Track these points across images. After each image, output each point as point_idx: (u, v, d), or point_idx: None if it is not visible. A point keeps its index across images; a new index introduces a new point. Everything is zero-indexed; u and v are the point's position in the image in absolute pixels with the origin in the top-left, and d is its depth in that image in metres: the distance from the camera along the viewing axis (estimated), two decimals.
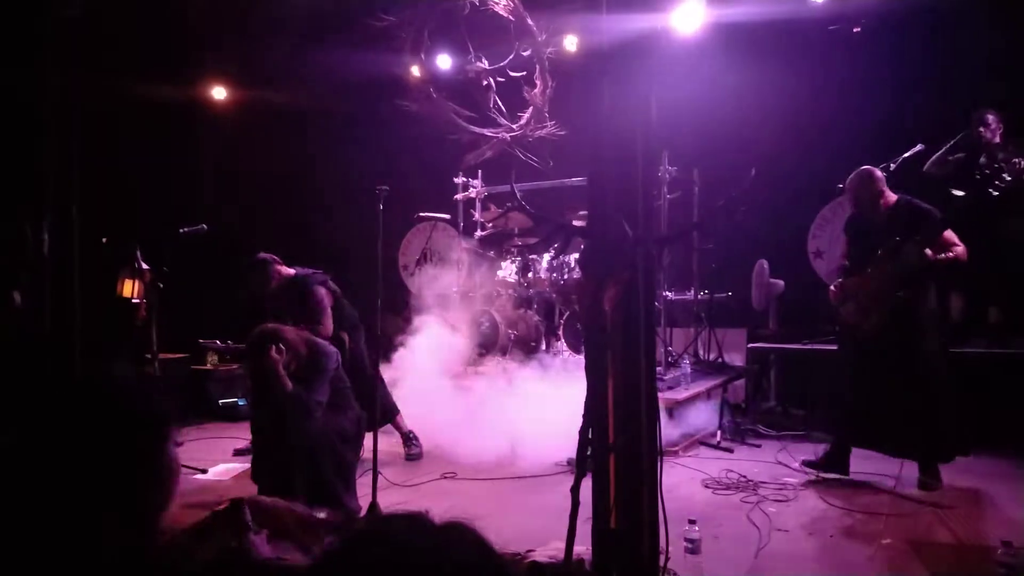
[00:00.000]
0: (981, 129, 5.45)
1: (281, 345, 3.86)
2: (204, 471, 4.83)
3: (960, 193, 5.23)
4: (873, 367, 4.33)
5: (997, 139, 5.47)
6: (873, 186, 4.37)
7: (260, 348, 3.86)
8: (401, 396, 5.30)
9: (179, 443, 1.28)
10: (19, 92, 6.75)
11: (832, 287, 4.57)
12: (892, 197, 4.39)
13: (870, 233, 4.40)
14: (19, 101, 6.79)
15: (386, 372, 5.25)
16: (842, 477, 4.43)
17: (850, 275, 4.49)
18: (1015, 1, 5.79)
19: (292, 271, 4.93)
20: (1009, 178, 5.21)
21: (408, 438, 5.19)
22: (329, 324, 4.71)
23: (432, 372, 5.73)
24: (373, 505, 3.79)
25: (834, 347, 4.94)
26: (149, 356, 5.24)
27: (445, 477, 4.71)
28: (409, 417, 5.25)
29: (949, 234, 4.21)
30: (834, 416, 4.69)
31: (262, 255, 4.85)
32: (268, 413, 3.92)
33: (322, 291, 4.82)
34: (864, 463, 4.49)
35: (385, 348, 5.52)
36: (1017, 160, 5.26)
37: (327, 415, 3.92)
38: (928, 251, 4.11)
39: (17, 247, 5.29)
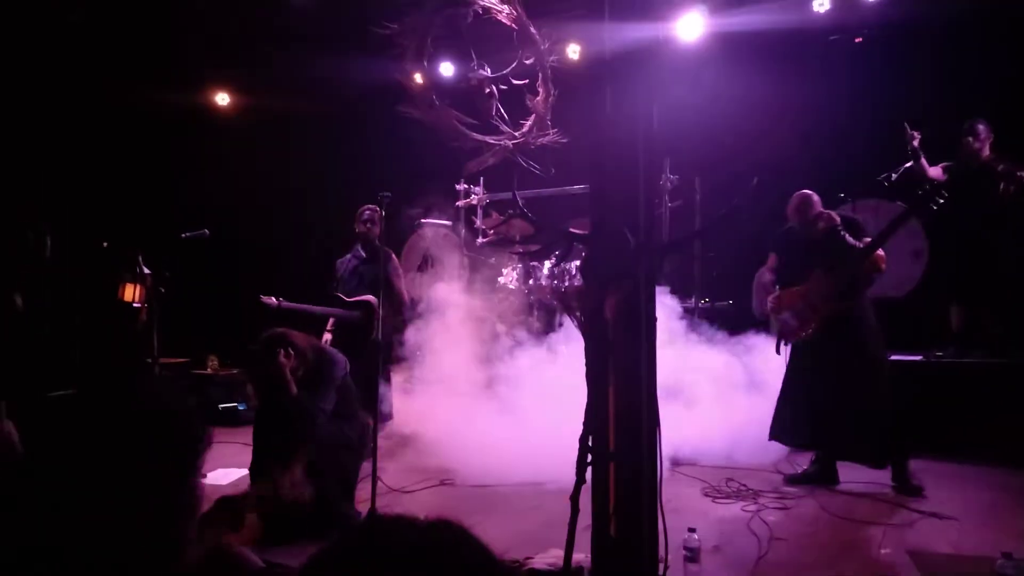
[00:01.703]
0: (970, 139, 5.46)
1: (290, 350, 3.85)
2: (203, 476, 4.82)
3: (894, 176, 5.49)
4: (813, 375, 4.56)
5: (987, 150, 5.47)
6: (811, 209, 4.58)
7: (268, 351, 3.84)
8: (402, 401, 5.32)
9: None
10: (23, 97, 6.78)
11: (770, 299, 4.73)
12: (829, 216, 4.55)
13: (807, 246, 4.58)
14: (23, 106, 6.83)
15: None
16: (839, 487, 4.46)
17: (785, 287, 4.68)
18: (1017, 10, 5.81)
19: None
20: (1001, 188, 5.25)
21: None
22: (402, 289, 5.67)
23: (432, 378, 5.74)
24: (372, 511, 3.79)
25: None
26: (150, 360, 5.24)
27: (444, 483, 4.70)
28: (409, 424, 5.27)
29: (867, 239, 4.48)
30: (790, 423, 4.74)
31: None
32: (271, 418, 3.90)
33: (396, 259, 5.67)
34: (861, 473, 4.50)
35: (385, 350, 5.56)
36: (1010, 170, 5.28)
37: (332, 423, 3.90)
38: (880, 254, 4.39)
39: (19, 250, 5.30)
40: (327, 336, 5.78)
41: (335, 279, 5.97)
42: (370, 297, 5.63)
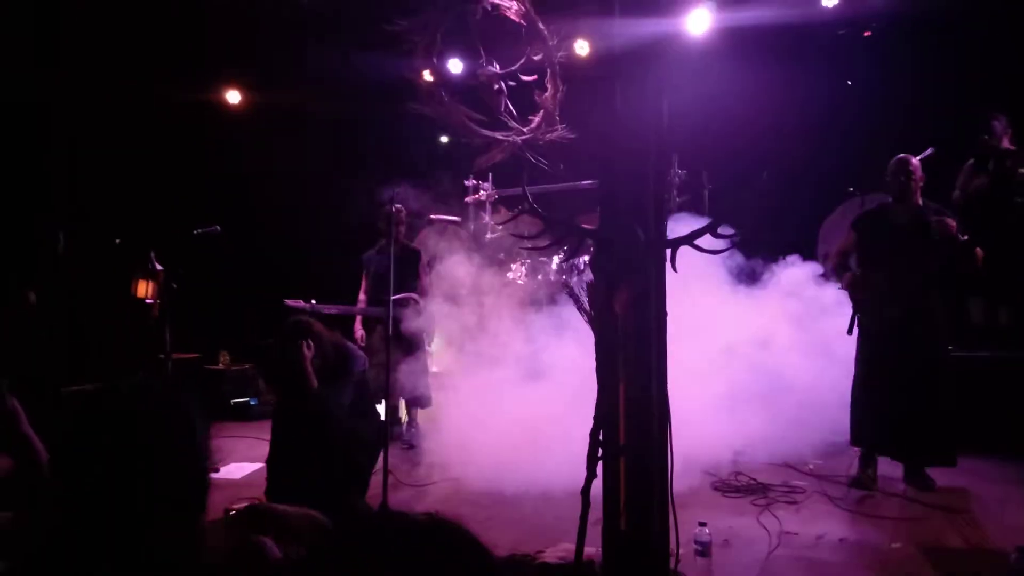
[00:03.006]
0: (986, 137, 5.45)
1: (311, 341, 3.84)
2: (215, 470, 4.87)
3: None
4: (882, 362, 4.36)
5: (1005, 143, 5.45)
6: (914, 178, 4.41)
7: (292, 339, 3.82)
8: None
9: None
10: (36, 94, 6.83)
11: (847, 275, 4.56)
12: (919, 198, 4.44)
13: (892, 230, 4.43)
14: (36, 103, 6.87)
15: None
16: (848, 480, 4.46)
17: (866, 268, 4.52)
18: None
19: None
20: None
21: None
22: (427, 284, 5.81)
23: (442, 374, 5.76)
24: (383, 506, 3.81)
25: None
26: (162, 356, 5.29)
27: (457, 477, 4.72)
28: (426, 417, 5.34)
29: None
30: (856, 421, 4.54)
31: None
32: (289, 413, 3.91)
33: (424, 262, 5.86)
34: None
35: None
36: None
37: (347, 419, 3.92)
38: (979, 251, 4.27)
39: (32, 248, 5.35)
40: (359, 331, 5.81)
41: (367, 275, 5.97)
42: (412, 295, 5.65)
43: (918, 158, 5.24)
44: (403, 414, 5.76)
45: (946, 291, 4.49)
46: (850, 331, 4.50)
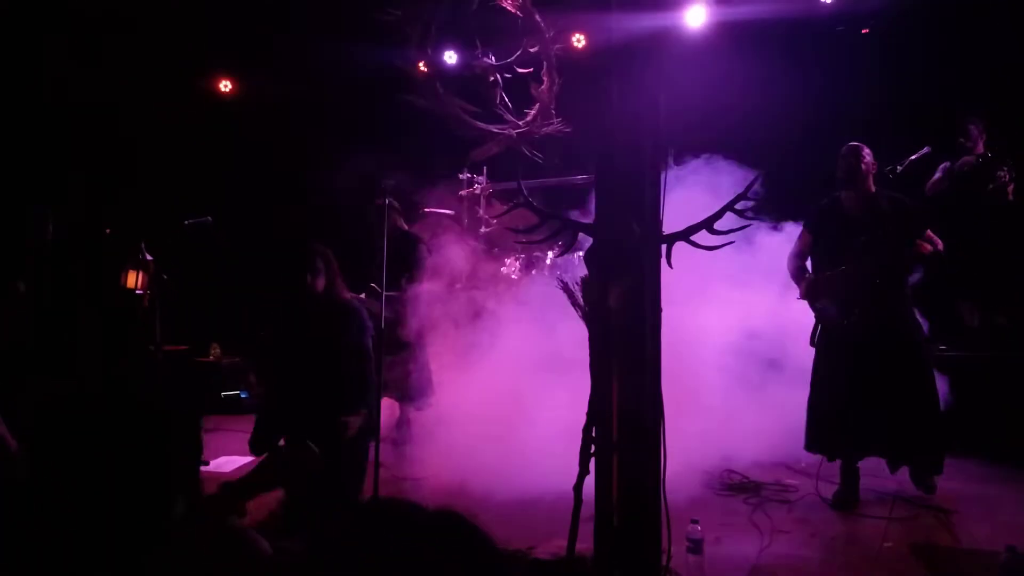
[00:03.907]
0: (961, 140, 5.50)
1: (323, 263, 3.77)
2: (205, 463, 4.83)
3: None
4: (859, 365, 4.06)
5: (979, 148, 5.50)
6: (865, 162, 4.14)
7: (307, 256, 3.76)
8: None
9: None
10: (25, 84, 6.76)
11: (802, 283, 4.31)
12: (872, 187, 4.21)
13: (846, 226, 4.17)
14: (26, 92, 6.81)
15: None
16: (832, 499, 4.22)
17: (821, 270, 4.27)
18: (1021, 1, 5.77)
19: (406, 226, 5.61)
20: (992, 186, 5.24)
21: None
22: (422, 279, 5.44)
23: (437, 367, 5.72)
24: (375, 498, 3.78)
25: None
26: (152, 347, 5.24)
27: (447, 475, 4.69)
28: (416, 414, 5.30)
29: (929, 232, 4.20)
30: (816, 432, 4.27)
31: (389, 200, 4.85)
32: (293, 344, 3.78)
33: (424, 249, 5.50)
34: (863, 465, 4.48)
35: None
36: (1002, 171, 5.30)
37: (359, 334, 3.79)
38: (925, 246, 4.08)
39: (21, 236, 5.29)
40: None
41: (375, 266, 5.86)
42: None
43: (914, 157, 5.25)
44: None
45: (934, 291, 4.38)
46: (812, 342, 4.26)
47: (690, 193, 4.82)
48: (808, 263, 4.41)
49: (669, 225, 2.52)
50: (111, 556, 1.11)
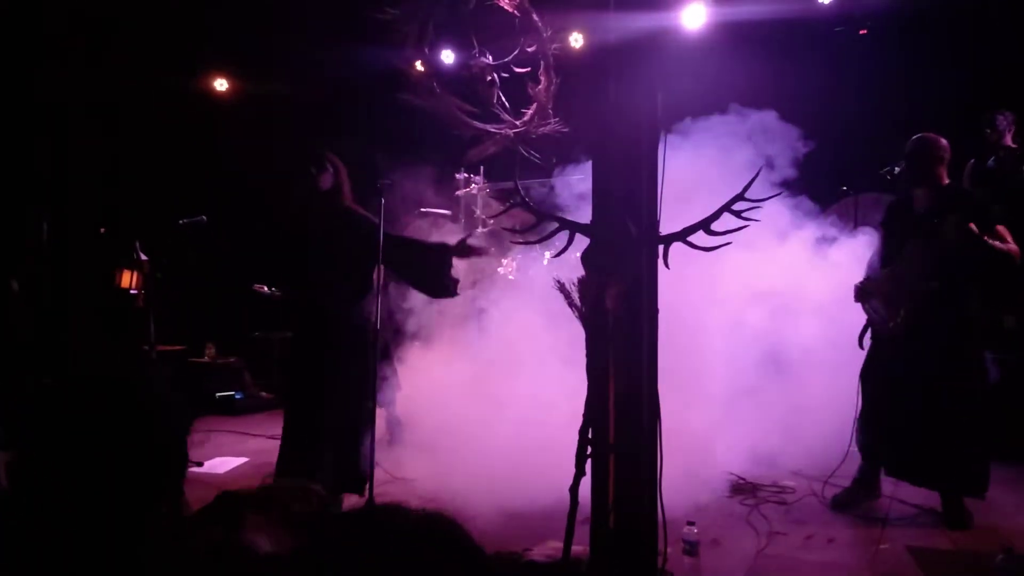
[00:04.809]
0: (988, 131, 5.42)
1: (331, 166, 3.77)
2: (199, 464, 4.81)
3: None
4: (901, 375, 3.79)
5: (1007, 140, 5.43)
6: (938, 153, 3.82)
7: (316, 156, 3.75)
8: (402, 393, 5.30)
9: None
10: (21, 82, 6.73)
11: (855, 285, 4.01)
12: (944, 180, 3.87)
13: (910, 223, 3.83)
14: (21, 91, 6.78)
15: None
16: (838, 482, 4.27)
17: (881, 270, 3.99)
18: None
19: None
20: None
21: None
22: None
23: (432, 367, 5.70)
24: (370, 499, 3.77)
25: None
26: (147, 347, 5.22)
27: (441, 475, 4.67)
28: (409, 413, 5.25)
29: (1003, 229, 3.65)
30: (863, 438, 4.08)
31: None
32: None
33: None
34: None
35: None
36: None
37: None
38: (973, 227, 3.48)
39: (16, 236, 5.27)
40: None
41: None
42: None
43: None
44: None
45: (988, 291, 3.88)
46: (861, 343, 4.03)
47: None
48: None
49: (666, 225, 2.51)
50: (99, 553, 1.10)
